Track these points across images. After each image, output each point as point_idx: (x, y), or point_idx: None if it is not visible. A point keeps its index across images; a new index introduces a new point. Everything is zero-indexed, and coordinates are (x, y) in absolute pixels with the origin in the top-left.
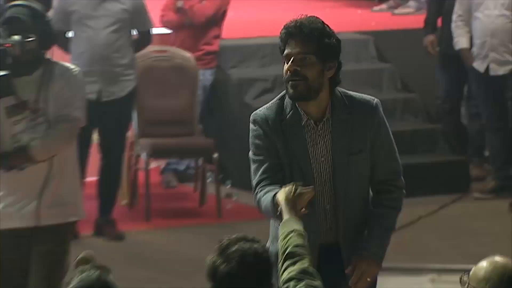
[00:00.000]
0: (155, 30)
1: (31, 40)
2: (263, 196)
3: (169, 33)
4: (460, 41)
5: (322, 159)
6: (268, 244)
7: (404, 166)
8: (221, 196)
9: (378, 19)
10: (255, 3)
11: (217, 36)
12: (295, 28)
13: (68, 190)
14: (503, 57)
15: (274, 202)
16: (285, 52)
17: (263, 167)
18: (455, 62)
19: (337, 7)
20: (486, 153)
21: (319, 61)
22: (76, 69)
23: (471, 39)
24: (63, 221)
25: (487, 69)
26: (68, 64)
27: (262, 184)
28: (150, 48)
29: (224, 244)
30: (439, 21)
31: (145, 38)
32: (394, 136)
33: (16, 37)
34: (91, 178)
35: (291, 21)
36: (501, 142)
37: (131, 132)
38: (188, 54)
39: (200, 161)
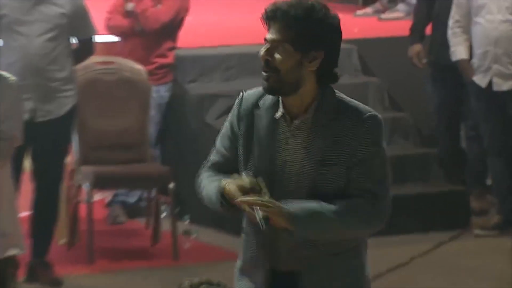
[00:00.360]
0: (99, 38)
1: None
2: (208, 182)
3: (116, 41)
4: (458, 51)
5: (288, 162)
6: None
7: (393, 196)
8: (177, 233)
9: (362, 25)
10: (218, 6)
11: (173, 48)
12: (272, 11)
13: (4, 218)
14: (508, 69)
15: (221, 189)
16: (266, 36)
17: (219, 155)
18: (449, 75)
19: None
20: (489, 182)
21: (298, 51)
22: (12, 78)
23: (470, 49)
24: (1, 256)
25: (490, 83)
26: (1, 72)
27: (210, 167)
28: (93, 59)
29: None
30: (428, 29)
31: (87, 47)
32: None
33: None
34: (23, 213)
35: (274, 2)
36: (505, 168)
37: (71, 158)
38: (138, 66)
39: (154, 192)
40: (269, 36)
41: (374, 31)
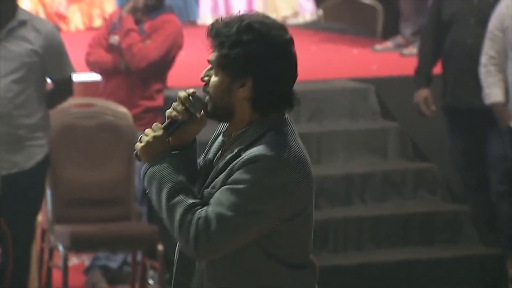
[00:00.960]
0: (78, 76)
1: None
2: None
3: (97, 81)
4: (493, 93)
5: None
6: None
7: (418, 261)
8: None
9: (381, 61)
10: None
11: (161, 90)
12: (208, 29)
13: None
14: None
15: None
16: None
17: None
18: (469, 120)
19: (327, 45)
20: None
21: (227, 77)
22: None
23: (506, 91)
24: None
25: None
26: None
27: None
28: (70, 101)
29: None
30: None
31: (63, 88)
32: (403, 219)
33: None
34: None
35: (216, 19)
36: None
37: (43, 217)
38: (122, 109)
39: (140, 255)
40: (210, 56)
41: (395, 68)
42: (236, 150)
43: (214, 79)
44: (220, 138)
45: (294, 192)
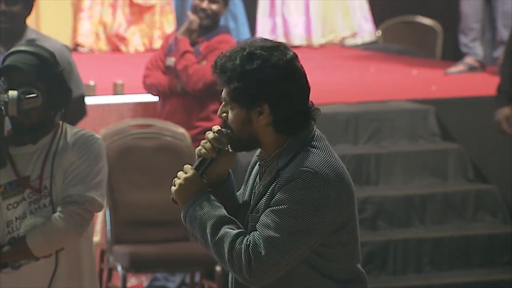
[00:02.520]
0: (136, 97)
1: (34, 97)
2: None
3: (153, 101)
4: None
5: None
6: None
7: (478, 284)
8: None
9: (441, 82)
10: None
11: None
12: (214, 63)
13: None
14: None
15: None
16: None
17: None
18: None
19: (385, 65)
20: None
21: (243, 109)
22: (96, 136)
23: None
24: None
25: None
26: (85, 130)
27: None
28: (130, 122)
29: None
30: None
31: (74, 108)
32: (463, 241)
33: (13, 93)
34: None
35: (221, 53)
36: None
37: (102, 237)
38: (181, 129)
39: (198, 276)
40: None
41: (456, 89)
42: (274, 172)
43: (231, 114)
44: (257, 164)
45: (336, 205)
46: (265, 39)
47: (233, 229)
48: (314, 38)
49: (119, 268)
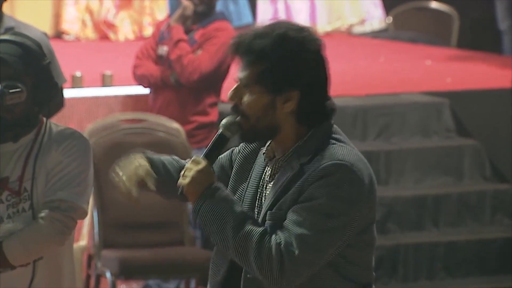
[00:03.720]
0: (126, 89)
1: (18, 92)
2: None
3: (145, 94)
4: None
5: (256, 208)
6: None
7: None
8: None
9: (456, 73)
10: None
11: (215, 103)
12: (235, 45)
13: None
14: None
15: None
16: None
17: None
18: None
19: (396, 55)
20: None
21: (268, 92)
22: (83, 135)
23: None
24: None
25: None
26: (72, 129)
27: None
28: (119, 116)
29: None
30: None
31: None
32: (480, 245)
33: None
34: None
35: (241, 33)
36: None
37: (89, 241)
38: (175, 125)
39: (193, 283)
40: (238, 74)
41: (471, 81)
42: (297, 166)
43: (251, 97)
44: (260, 160)
45: (368, 201)
46: (290, 21)
47: (257, 227)
48: (319, 25)
49: (108, 274)
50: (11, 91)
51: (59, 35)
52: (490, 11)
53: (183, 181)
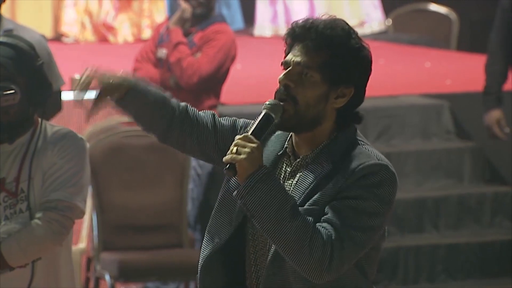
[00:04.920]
0: None
1: (12, 93)
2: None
3: None
4: None
5: None
6: None
7: None
8: None
9: (456, 75)
10: (270, 52)
11: (215, 106)
12: (302, 28)
13: None
14: None
15: None
16: (286, 57)
17: None
18: None
19: (396, 57)
20: None
21: (326, 83)
22: (78, 135)
23: None
24: None
25: None
26: (67, 129)
27: None
28: (118, 119)
29: None
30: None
31: (52, 103)
32: (480, 247)
33: None
34: None
35: (303, 19)
36: None
37: (88, 243)
38: None
39: (192, 285)
40: (292, 58)
41: (471, 83)
42: (328, 165)
43: (305, 84)
44: (270, 151)
45: (394, 202)
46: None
47: (307, 217)
48: None
49: (107, 277)
50: (5, 92)
51: (58, 37)
52: (490, 13)
53: (237, 156)
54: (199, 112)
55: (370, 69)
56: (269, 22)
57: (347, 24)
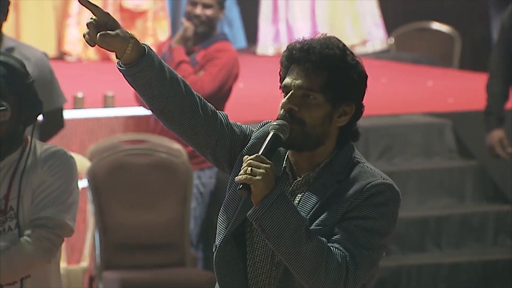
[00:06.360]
0: (128, 111)
1: (3, 110)
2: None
3: (147, 115)
4: None
5: None
6: None
7: None
8: None
9: (458, 94)
10: (273, 71)
11: None
12: (301, 51)
13: None
14: None
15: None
16: (284, 81)
17: None
18: None
19: (398, 76)
20: None
21: (329, 103)
22: (68, 153)
23: None
24: None
25: None
26: (57, 147)
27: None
28: (120, 137)
29: None
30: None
31: (54, 121)
32: (483, 267)
33: None
34: None
35: (298, 40)
36: None
37: (91, 262)
38: (176, 145)
39: None
40: (293, 80)
41: (473, 102)
42: (333, 184)
43: (310, 105)
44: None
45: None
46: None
47: (321, 237)
48: None
49: None
50: None
51: (61, 56)
52: (492, 32)
53: (252, 177)
54: (217, 111)
55: (366, 84)
56: (272, 41)
57: (340, 41)
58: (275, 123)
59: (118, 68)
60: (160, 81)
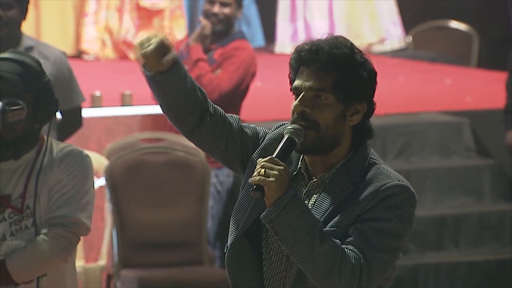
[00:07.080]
0: (145, 109)
1: (19, 109)
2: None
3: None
4: None
5: None
6: None
7: None
8: None
9: (476, 93)
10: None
11: None
12: (309, 52)
13: None
14: None
15: None
16: (294, 83)
17: None
18: None
19: (416, 74)
20: None
21: (340, 102)
22: (84, 153)
23: None
24: None
25: None
26: (72, 146)
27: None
28: (137, 135)
29: None
30: None
31: (73, 119)
32: (500, 265)
33: None
34: None
35: (306, 42)
36: None
37: (108, 261)
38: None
39: None
40: (303, 82)
41: (491, 100)
42: (348, 185)
43: (323, 107)
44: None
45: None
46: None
47: (334, 239)
48: None
49: None
50: (12, 108)
51: (78, 54)
52: (510, 30)
53: (266, 178)
54: (227, 115)
55: (376, 80)
56: (290, 39)
57: (347, 40)
58: (290, 127)
59: (145, 74)
60: (182, 90)
